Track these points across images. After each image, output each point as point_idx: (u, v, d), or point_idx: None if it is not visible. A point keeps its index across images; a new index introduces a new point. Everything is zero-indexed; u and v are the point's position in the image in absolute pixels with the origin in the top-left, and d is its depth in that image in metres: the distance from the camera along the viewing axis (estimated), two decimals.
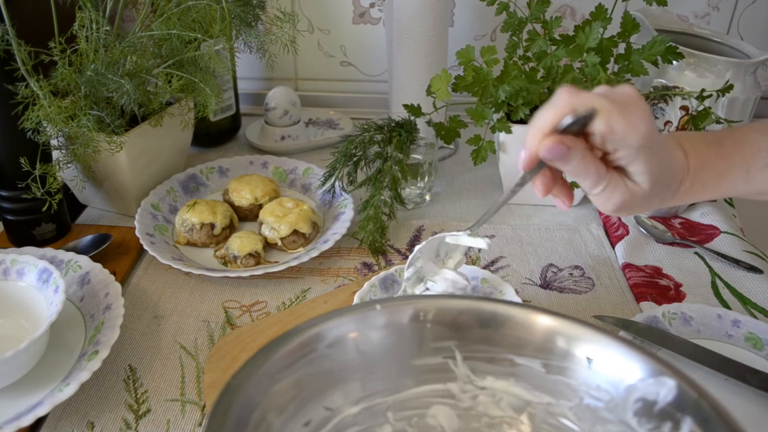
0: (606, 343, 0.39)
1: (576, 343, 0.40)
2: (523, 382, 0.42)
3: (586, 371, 0.40)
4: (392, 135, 0.79)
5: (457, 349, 0.43)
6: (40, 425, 0.55)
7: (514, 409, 0.43)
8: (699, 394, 0.35)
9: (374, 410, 0.43)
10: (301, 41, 1.06)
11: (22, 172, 0.70)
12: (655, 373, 0.37)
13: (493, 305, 0.43)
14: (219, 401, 0.35)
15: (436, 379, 0.43)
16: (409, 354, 0.43)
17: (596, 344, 0.40)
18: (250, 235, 0.73)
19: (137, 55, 0.74)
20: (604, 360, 0.39)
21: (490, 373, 0.43)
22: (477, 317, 0.43)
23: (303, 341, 0.40)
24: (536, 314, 0.42)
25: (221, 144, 1.01)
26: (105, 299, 0.62)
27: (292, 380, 0.39)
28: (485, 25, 1.05)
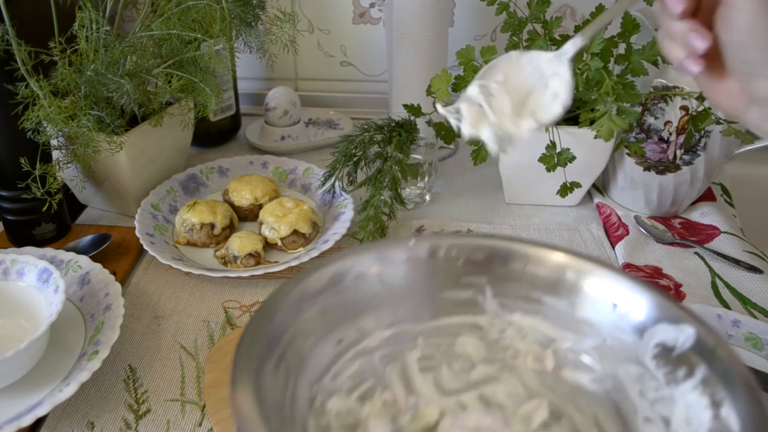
0: (632, 289, 0.41)
1: (603, 287, 0.42)
2: (549, 320, 0.44)
3: (611, 314, 0.42)
4: (392, 135, 0.79)
5: (487, 284, 0.45)
6: (40, 425, 0.55)
7: (539, 344, 0.45)
8: (716, 343, 0.36)
9: (404, 335, 0.45)
10: (301, 41, 1.06)
11: (22, 172, 0.70)
12: (676, 319, 0.38)
13: (524, 247, 0.44)
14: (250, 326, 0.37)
15: (465, 312, 0.45)
16: (440, 287, 0.45)
17: (622, 289, 0.41)
18: (250, 235, 0.73)
19: (137, 55, 0.74)
20: (629, 305, 0.41)
21: (518, 309, 0.45)
22: (508, 256, 0.44)
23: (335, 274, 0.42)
24: (567, 257, 0.43)
25: (221, 144, 1.01)
26: (105, 299, 0.62)
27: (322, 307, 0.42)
28: (485, 25, 1.05)
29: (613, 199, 0.85)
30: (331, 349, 0.42)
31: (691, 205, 0.84)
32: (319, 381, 0.41)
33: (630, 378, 0.41)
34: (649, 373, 0.39)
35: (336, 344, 0.42)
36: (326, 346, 0.42)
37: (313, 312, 0.41)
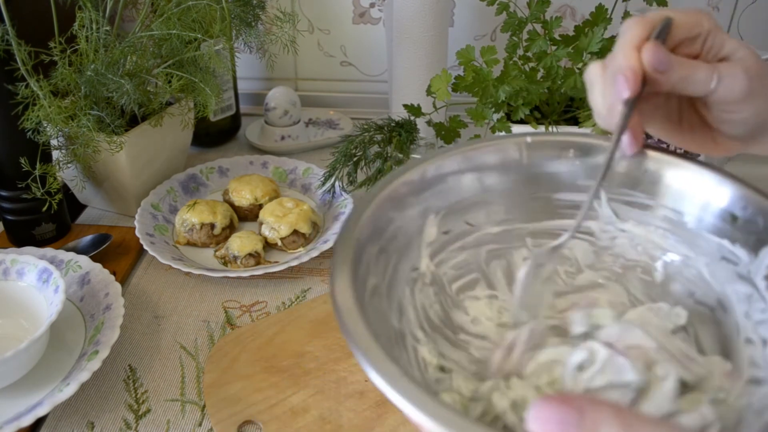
0: (754, 202, 0.39)
1: (725, 199, 0.40)
2: (663, 231, 0.43)
3: (729, 228, 0.40)
4: (392, 135, 0.79)
5: (603, 189, 0.44)
6: (40, 425, 0.55)
7: (650, 256, 0.44)
8: None
9: (514, 233, 0.45)
10: (301, 41, 1.06)
11: (22, 172, 0.70)
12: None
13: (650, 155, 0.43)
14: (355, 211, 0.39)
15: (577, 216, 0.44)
16: (555, 188, 0.45)
17: (744, 202, 0.40)
18: (250, 235, 0.73)
19: (137, 55, 0.74)
20: (749, 220, 0.39)
21: (632, 218, 0.44)
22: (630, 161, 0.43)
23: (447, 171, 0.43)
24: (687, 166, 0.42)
25: (221, 144, 1.01)
26: (105, 299, 0.62)
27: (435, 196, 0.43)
28: (485, 25, 1.05)
29: None
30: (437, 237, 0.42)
31: None
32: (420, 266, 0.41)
33: (738, 297, 0.39)
34: (758, 293, 0.38)
35: (443, 234, 0.43)
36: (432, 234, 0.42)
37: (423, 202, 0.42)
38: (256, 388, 0.56)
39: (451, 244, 0.43)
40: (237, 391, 0.56)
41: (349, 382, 0.57)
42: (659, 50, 0.38)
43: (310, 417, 0.54)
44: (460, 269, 0.43)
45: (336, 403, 0.55)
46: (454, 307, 0.42)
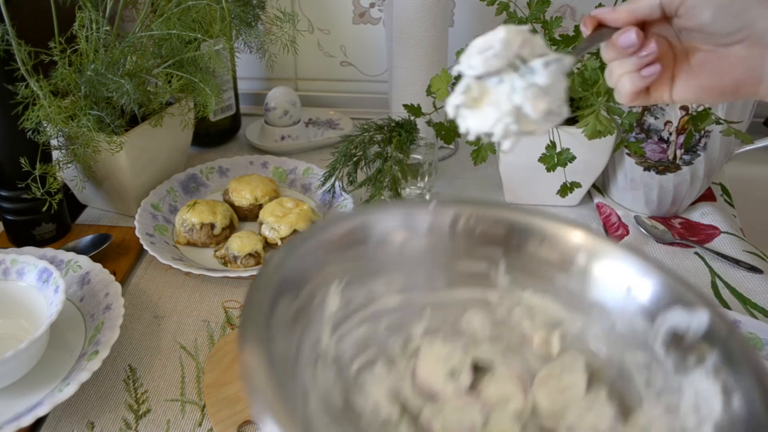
0: (647, 273, 0.40)
1: (618, 270, 0.41)
2: (559, 300, 0.43)
3: (624, 298, 0.40)
4: (392, 135, 0.79)
5: (502, 258, 0.44)
6: (40, 425, 0.55)
7: (546, 327, 0.43)
8: (729, 330, 0.35)
9: (413, 305, 0.44)
10: (301, 41, 1.06)
11: (22, 172, 0.70)
12: (690, 303, 0.37)
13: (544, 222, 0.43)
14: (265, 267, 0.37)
15: (476, 285, 0.44)
16: (453, 256, 0.44)
17: (637, 273, 0.40)
18: (250, 235, 0.73)
19: (137, 55, 0.74)
20: (643, 289, 0.40)
21: (529, 287, 0.44)
22: (526, 231, 0.43)
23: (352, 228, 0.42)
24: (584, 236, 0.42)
25: (221, 144, 1.01)
26: (105, 299, 0.62)
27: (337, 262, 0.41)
28: (485, 25, 1.05)
29: (613, 199, 0.85)
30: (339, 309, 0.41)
31: (691, 205, 0.84)
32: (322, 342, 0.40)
33: (637, 365, 0.39)
34: (657, 360, 0.38)
35: (345, 305, 0.42)
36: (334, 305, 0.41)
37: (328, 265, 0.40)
38: None
39: (351, 316, 0.42)
40: (237, 391, 0.56)
41: None
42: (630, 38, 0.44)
43: None
44: (359, 346, 0.42)
45: None
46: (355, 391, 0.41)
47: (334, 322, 0.41)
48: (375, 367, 0.42)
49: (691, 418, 0.35)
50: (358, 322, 0.42)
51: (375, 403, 0.41)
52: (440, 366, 0.42)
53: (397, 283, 0.44)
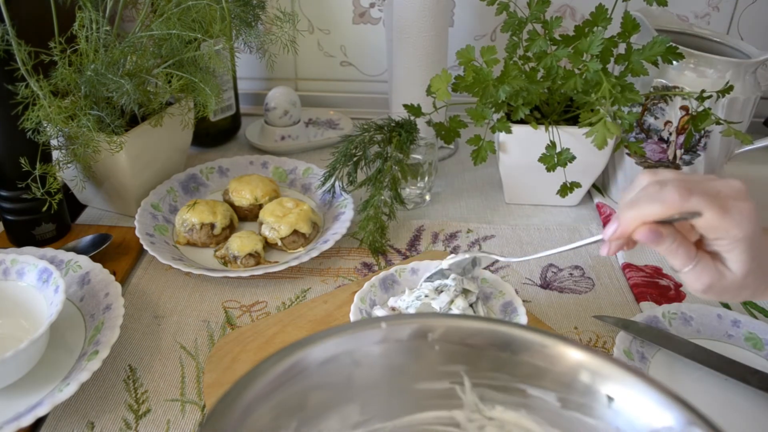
0: (632, 383, 0.36)
1: (599, 379, 0.37)
2: (535, 415, 0.39)
3: (606, 410, 0.37)
4: (392, 135, 0.79)
5: (466, 374, 0.40)
6: (40, 425, 0.55)
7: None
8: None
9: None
10: (301, 41, 1.06)
11: (22, 172, 0.70)
12: (685, 422, 0.34)
13: (509, 329, 0.40)
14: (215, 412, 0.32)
15: (441, 406, 0.41)
16: (413, 376, 0.40)
17: (621, 383, 0.36)
18: (250, 235, 0.73)
19: (137, 55, 0.74)
20: (628, 401, 0.36)
21: (500, 403, 0.40)
22: (491, 341, 0.40)
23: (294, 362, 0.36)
24: (558, 343, 0.39)
25: (221, 144, 1.01)
26: (105, 299, 0.62)
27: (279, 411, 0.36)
28: (485, 25, 1.05)
29: (613, 199, 0.85)
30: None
31: None
32: None
33: None
34: None
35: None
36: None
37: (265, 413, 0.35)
38: None
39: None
40: None
41: None
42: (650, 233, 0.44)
43: None
44: None
45: None
46: None
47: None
48: None
49: None
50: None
51: None
52: None
53: (353, 416, 0.39)
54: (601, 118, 0.66)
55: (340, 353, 0.38)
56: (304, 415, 0.37)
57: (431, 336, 0.39)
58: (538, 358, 0.39)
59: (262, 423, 0.35)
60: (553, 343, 0.39)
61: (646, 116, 0.76)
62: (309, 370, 0.37)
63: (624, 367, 0.37)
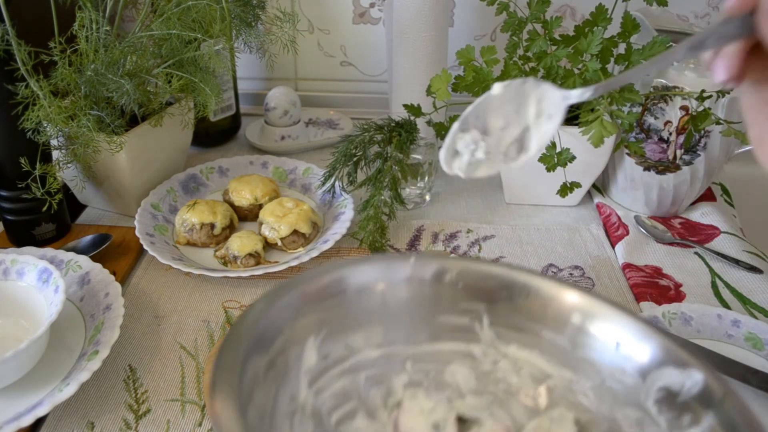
0: (636, 329, 0.39)
1: (606, 325, 0.40)
2: (546, 355, 0.42)
3: (613, 354, 0.40)
4: (392, 135, 0.79)
5: (485, 312, 0.43)
6: (40, 425, 0.55)
7: (533, 380, 0.43)
8: (725, 392, 0.35)
9: (393, 358, 0.43)
10: (301, 41, 1.06)
11: (22, 172, 0.70)
12: (683, 364, 0.37)
13: (527, 276, 0.43)
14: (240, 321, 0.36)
15: (459, 339, 0.44)
16: (435, 310, 0.43)
17: (626, 329, 0.40)
18: (250, 235, 0.73)
19: (137, 55, 0.74)
20: (633, 345, 0.39)
21: (514, 341, 0.43)
22: (509, 286, 0.43)
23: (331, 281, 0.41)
24: (570, 291, 0.42)
25: (221, 144, 1.01)
26: (105, 299, 0.62)
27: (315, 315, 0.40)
28: (485, 25, 1.05)
29: (613, 199, 0.86)
30: (316, 363, 0.40)
31: (691, 205, 0.84)
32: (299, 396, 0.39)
33: (628, 422, 0.38)
34: (650, 417, 0.37)
35: (322, 359, 0.41)
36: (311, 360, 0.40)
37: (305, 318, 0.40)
38: None
39: (330, 369, 0.41)
40: None
41: None
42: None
43: None
44: (339, 398, 0.41)
45: None
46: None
47: (311, 377, 0.40)
48: (355, 419, 0.42)
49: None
50: (337, 375, 0.41)
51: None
52: (423, 419, 0.42)
53: (377, 336, 0.43)
54: (598, 116, 0.66)
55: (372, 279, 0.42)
56: (333, 328, 0.41)
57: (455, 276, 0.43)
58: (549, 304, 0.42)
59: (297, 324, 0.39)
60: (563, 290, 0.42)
61: (646, 116, 0.76)
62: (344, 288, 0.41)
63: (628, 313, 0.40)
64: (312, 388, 0.40)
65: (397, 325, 0.43)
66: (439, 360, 0.44)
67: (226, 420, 0.30)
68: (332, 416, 0.41)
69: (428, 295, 0.43)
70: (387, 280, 0.43)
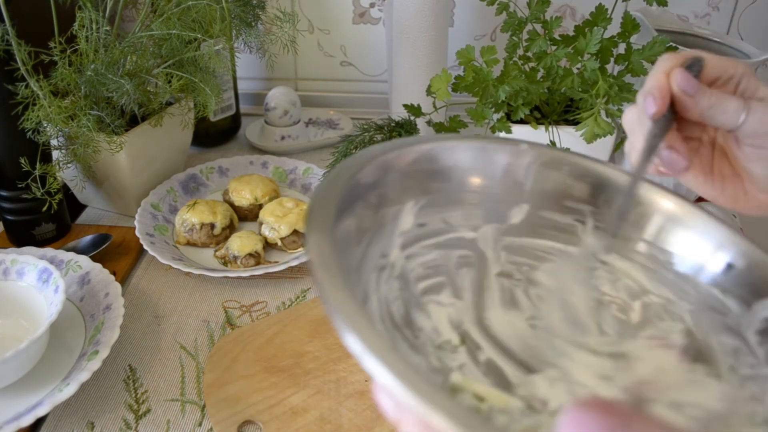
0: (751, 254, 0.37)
1: (722, 246, 0.38)
2: (647, 270, 0.40)
3: (721, 277, 0.38)
4: (392, 135, 0.79)
5: (590, 215, 0.41)
6: (40, 425, 0.55)
7: (629, 294, 0.41)
8: None
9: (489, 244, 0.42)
10: (301, 41, 1.06)
11: (22, 172, 0.70)
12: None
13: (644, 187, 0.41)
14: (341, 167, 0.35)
15: (559, 238, 0.42)
16: (540, 204, 0.42)
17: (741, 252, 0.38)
18: (250, 235, 0.73)
19: (137, 55, 0.74)
20: (745, 269, 0.37)
21: (616, 251, 0.41)
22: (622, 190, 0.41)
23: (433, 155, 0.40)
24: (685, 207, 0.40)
25: (221, 144, 1.01)
26: (105, 299, 0.62)
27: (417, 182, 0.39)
28: (485, 25, 1.05)
29: None
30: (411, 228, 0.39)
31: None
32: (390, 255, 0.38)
33: (724, 349, 0.36)
34: (748, 347, 0.35)
35: (419, 226, 0.40)
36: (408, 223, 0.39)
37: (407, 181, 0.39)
38: (256, 388, 0.56)
39: (424, 239, 0.41)
40: (237, 391, 0.56)
41: (349, 381, 0.57)
42: (688, 74, 0.40)
43: (310, 417, 0.54)
44: (428, 269, 0.41)
45: (336, 403, 0.55)
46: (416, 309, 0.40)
47: (405, 240, 0.39)
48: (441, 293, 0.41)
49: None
50: (431, 247, 0.41)
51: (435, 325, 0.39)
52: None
53: (476, 219, 0.42)
54: (593, 113, 0.67)
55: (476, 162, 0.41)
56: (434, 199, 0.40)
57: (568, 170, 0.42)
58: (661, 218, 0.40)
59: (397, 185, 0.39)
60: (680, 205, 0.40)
61: None
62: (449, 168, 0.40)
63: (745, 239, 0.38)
64: (404, 252, 0.39)
65: (497, 213, 0.42)
66: (534, 256, 0.42)
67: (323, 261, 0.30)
68: (419, 284, 0.40)
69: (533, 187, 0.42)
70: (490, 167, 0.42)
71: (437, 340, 0.38)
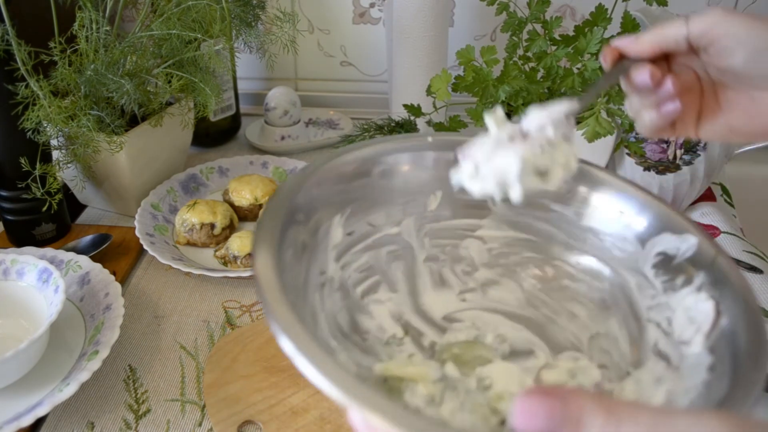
0: (637, 199, 0.42)
1: (609, 196, 0.43)
2: (555, 227, 0.45)
3: (616, 223, 0.43)
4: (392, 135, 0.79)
5: None
6: (40, 425, 0.55)
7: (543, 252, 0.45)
8: (716, 252, 0.37)
9: (412, 234, 0.46)
10: (301, 41, 1.06)
11: (22, 172, 0.70)
12: (679, 229, 0.39)
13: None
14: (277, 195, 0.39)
15: (473, 215, 0.46)
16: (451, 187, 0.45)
17: (628, 199, 0.42)
18: (250, 235, 0.73)
19: (137, 55, 0.74)
20: (634, 214, 0.42)
21: (524, 215, 0.45)
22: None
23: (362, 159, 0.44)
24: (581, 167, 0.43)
25: (221, 144, 1.01)
26: (105, 299, 0.62)
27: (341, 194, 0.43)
28: (485, 25, 1.05)
29: None
30: (342, 239, 0.43)
31: (691, 205, 0.84)
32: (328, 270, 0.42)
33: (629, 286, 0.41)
34: (647, 281, 0.40)
35: (347, 235, 0.43)
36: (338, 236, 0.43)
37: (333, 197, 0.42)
38: (256, 388, 0.56)
39: (354, 245, 0.44)
40: (237, 391, 0.56)
41: None
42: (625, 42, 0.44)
43: (310, 417, 0.54)
44: (363, 271, 0.44)
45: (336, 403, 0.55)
46: (359, 313, 0.43)
47: (338, 252, 0.43)
48: (378, 291, 0.44)
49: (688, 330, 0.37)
50: (361, 251, 0.44)
51: (379, 323, 0.43)
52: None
53: (398, 214, 0.45)
54: (594, 113, 0.67)
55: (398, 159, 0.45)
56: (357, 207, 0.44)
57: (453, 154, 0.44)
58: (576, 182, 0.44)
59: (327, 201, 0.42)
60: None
61: None
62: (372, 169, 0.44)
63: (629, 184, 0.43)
64: (339, 263, 0.43)
65: (414, 203, 0.46)
66: (454, 236, 0.46)
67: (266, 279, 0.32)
68: (357, 288, 0.44)
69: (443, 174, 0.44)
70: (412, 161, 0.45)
71: (383, 338, 0.42)
